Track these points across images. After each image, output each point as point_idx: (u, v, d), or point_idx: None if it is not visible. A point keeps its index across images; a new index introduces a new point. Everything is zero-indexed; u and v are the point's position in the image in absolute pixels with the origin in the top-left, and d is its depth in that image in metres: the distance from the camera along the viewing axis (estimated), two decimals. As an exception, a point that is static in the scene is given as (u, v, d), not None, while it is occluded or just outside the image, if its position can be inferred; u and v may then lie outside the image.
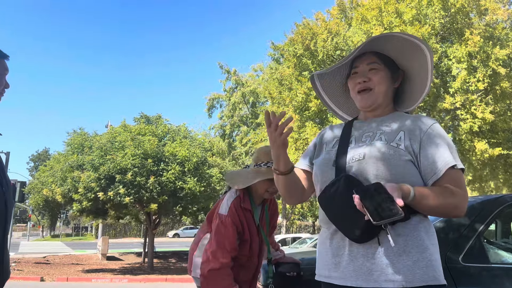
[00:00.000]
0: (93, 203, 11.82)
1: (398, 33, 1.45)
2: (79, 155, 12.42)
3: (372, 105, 1.46)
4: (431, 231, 1.34)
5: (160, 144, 12.81)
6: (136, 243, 30.18)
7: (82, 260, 17.81)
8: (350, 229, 1.28)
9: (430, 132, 1.36)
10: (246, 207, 2.26)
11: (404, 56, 1.47)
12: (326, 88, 1.63)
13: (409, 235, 1.27)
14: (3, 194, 1.54)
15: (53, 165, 13.70)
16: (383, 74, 1.44)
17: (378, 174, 1.30)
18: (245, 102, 19.92)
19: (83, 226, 53.07)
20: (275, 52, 14.52)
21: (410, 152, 1.33)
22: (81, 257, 19.43)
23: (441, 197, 1.26)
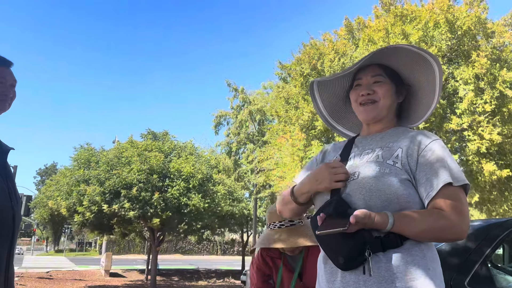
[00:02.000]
0: (96, 216, 11.80)
1: (406, 45, 1.38)
2: (85, 170, 12.49)
3: (375, 118, 1.40)
4: (430, 255, 1.23)
5: (166, 160, 12.86)
6: (139, 260, 30.01)
7: (85, 276, 17.70)
8: (335, 255, 1.24)
9: (428, 149, 1.28)
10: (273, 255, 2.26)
11: (410, 70, 1.42)
12: (325, 101, 1.58)
13: (402, 262, 1.18)
14: (11, 208, 1.54)
15: (59, 179, 13.77)
16: (388, 88, 1.39)
17: (371, 195, 1.24)
18: (252, 120, 20.00)
19: (87, 241, 52.93)
20: (282, 71, 14.63)
21: (407, 170, 1.26)
22: (84, 273, 19.32)
23: (429, 221, 1.18)
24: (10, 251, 1.53)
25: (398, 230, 1.19)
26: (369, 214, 1.17)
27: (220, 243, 46.33)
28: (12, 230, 1.53)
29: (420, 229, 1.18)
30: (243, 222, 19.52)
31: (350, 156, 1.42)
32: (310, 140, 12.05)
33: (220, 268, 24.32)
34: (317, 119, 11.47)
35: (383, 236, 1.20)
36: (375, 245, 1.19)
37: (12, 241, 1.54)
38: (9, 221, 1.52)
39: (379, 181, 1.24)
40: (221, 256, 44.95)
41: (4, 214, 1.51)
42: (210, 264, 28.07)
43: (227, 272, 21.65)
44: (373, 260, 1.19)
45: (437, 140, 1.32)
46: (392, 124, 1.45)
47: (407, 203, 1.23)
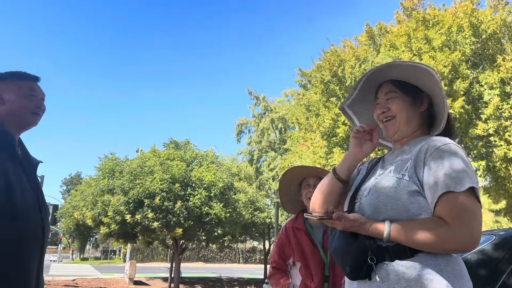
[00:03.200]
0: (120, 226, 12.00)
1: (399, 61, 1.40)
2: (109, 180, 12.72)
3: (395, 133, 1.41)
4: (449, 269, 1.17)
5: (188, 169, 12.98)
6: (162, 268, 30.21)
7: (109, 284, 17.94)
8: (343, 265, 1.26)
9: (433, 155, 1.23)
10: (298, 227, 2.34)
11: (417, 79, 1.41)
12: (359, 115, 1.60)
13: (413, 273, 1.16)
14: (41, 220, 1.59)
15: (84, 189, 14.06)
16: (400, 101, 1.40)
17: (379, 211, 1.26)
18: (273, 128, 20.02)
19: (112, 249, 53.70)
20: (302, 78, 14.61)
21: (415, 182, 1.24)
22: (108, 281, 19.58)
23: (427, 230, 1.15)
24: (40, 260, 1.59)
25: (395, 239, 1.19)
26: (358, 219, 1.22)
27: (242, 251, 46.25)
28: (41, 240, 1.59)
29: (417, 238, 1.15)
30: (265, 231, 19.47)
31: (369, 174, 1.45)
32: (332, 148, 11.97)
33: (243, 277, 24.25)
34: (338, 126, 11.40)
35: (391, 246, 1.20)
36: (380, 254, 1.20)
37: (42, 251, 1.60)
38: (39, 233, 1.58)
39: (386, 197, 1.25)
40: (243, 264, 44.84)
41: (34, 226, 1.56)
42: (232, 272, 28.03)
43: (249, 280, 21.58)
44: (382, 269, 1.19)
45: (445, 145, 1.25)
46: (416, 135, 1.42)
47: (417, 215, 1.21)
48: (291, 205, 2.56)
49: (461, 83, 8.69)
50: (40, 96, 1.74)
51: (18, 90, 1.67)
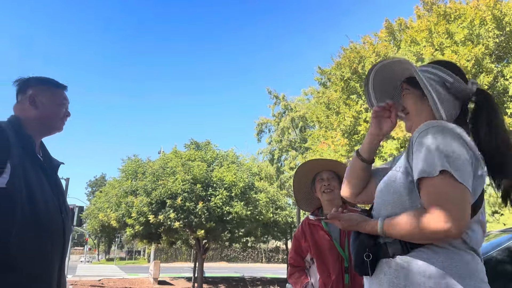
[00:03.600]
0: (144, 227, 12.20)
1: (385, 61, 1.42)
2: (133, 181, 12.94)
3: (410, 128, 1.42)
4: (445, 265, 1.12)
5: (208, 169, 13.08)
6: (186, 268, 30.52)
7: (134, 284, 18.23)
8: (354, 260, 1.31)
9: (417, 141, 1.19)
10: (314, 223, 2.34)
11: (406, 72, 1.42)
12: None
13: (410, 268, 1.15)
14: (61, 222, 1.64)
15: (108, 191, 14.34)
16: (411, 96, 1.41)
17: (380, 207, 1.28)
18: (293, 127, 19.97)
19: (136, 250, 54.54)
20: (322, 76, 14.51)
21: (409, 172, 1.22)
22: (133, 281, 19.90)
23: (408, 220, 1.13)
24: (61, 261, 1.63)
25: (389, 234, 1.19)
26: (353, 218, 1.30)
27: (265, 251, 46.28)
28: (63, 242, 1.64)
29: (404, 230, 1.14)
30: (287, 230, 19.42)
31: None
32: (353, 146, 11.86)
33: (265, 276, 24.27)
34: (359, 124, 11.29)
35: (389, 242, 1.21)
36: (379, 251, 1.22)
37: (63, 251, 1.65)
38: (60, 233, 1.62)
39: (384, 191, 1.28)
40: (265, 264, 44.85)
41: (55, 226, 1.60)
42: (255, 272, 28.09)
43: (272, 280, 21.58)
44: (382, 265, 1.21)
45: (428, 128, 1.19)
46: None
47: (413, 206, 1.19)
48: (306, 202, 2.55)
49: (485, 77, 8.49)
50: (68, 103, 1.83)
51: (52, 96, 1.75)
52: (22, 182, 1.49)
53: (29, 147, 1.62)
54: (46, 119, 1.72)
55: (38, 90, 1.73)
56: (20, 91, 1.74)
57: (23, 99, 1.72)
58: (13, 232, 1.42)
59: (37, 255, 1.50)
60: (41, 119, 1.71)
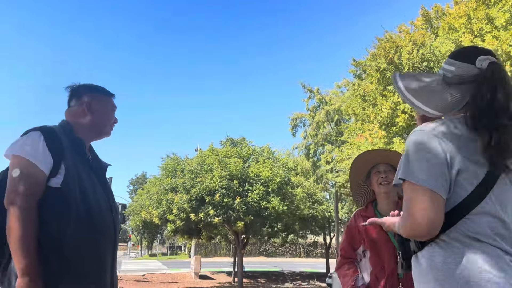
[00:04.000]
0: (185, 223, 12.50)
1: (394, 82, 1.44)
2: (172, 179, 13.25)
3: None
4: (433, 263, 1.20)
5: (245, 165, 13.20)
6: (226, 262, 30.95)
7: (177, 279, 18.72)
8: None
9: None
10: (368, 215, 2.27)
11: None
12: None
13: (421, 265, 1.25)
14: (112, 220, 1.73)
15: (149, 188, 14.75)
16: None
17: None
18: (329, 120, 19.74)
19: (177, 245, 55.83)
20: (356, 68, 14.26)
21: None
22: (176, 276, 20.44)
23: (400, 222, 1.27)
24: (113, 259, 1.72)
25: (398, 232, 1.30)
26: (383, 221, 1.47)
27: (303, 246, 46.17)
28: (113, 238, 1.72)
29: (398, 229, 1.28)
30: (325, 224, 19.30)
31: None
32: (391, 138, 11.61)
33: (304, 271, 24.25)
34: (397, 115, 11.02)
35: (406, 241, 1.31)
36: (403, 249, 1.33)
37: (114, 248, 1.73)
38: (111, 230, 1.71)
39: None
40: (304, 258, 44.77)
41: (107, 224, 1.69)
42: (294, 267, 28.11)
43: (312, 274, 21.54)
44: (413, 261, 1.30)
45: (411, 134, 1.29)
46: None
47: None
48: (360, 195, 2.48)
49: (530, 61, 8.05)
50: (115, 110, 1.93)
51: (104, 104, 1.86)
52: (75, 183, 1.57)
53: (80, 150, 1.71)
54: (98, 125, 1.82)
55: (93, 97, 1.82)
56: (73, 97, 1.83)
57: (77, 104, 1.81)
58: (68, 232, 1.51)
59: (91, 255, 1.58)
60: (94, 124, 1.80)
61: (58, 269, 1.48)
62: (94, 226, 1.61)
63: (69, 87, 1.86)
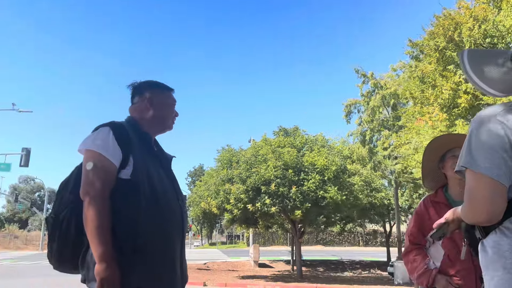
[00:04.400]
0: (242, 212, 12.73)
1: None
2: (228, 170, 13.52)
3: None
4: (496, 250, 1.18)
5: (299, 154, 13.15)
6: (283, 251, 31.19)
7: (237, 267, 19.16)
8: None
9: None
10: (438, 200, 2.23)
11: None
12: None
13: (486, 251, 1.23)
14: (179, 208, 1.79)
15: (207, 180, 15.15)
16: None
17: None
18: (384, 105, 19.08)
19: (236, 234, 57.07)
20: (413, 49, 13.64)
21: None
22: (236, 264, 20.92)
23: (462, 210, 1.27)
24: (182, 245, 1.78)
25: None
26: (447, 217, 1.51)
27: (361, 234, 45.35)
28: (182, 226, 1.79)
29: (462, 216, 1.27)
30: (385, 212, 18.80)
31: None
32: (453, 120, 11.03)
33: (364, 259, 23.84)
34: (459, 96, 10.44)
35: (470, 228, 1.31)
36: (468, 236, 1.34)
37: (182, 236, 1.80)
38: (179, 220, 1.78)
39: None
40: (363, 247, 44.01)
41: (175, 214, 1.76)
42: (352, 255, 27.73)
43: (372, 263, 21.13)
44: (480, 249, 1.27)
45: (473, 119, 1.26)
46: None
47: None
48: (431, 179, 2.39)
49: None
50: (175, 104, 2.00)
51: (165, 99, 1.94)
52: (144, 174, 1.65)
53: (146, 143, 1.80)
54: (160, 119, 1.90)
55: (154, 93, 1.91)
56: (135, 94, 1.92)
57: (139, 101, 1.90)
58: (139, 221, 1.59)
59: (162, 243, 1.65)
60: (157, 119, 1.88)
61: (132, 257, 1.56)
62: (163, 215, 1.67)
63: (131, 85, 1.95)
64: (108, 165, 1.62)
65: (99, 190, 1.57)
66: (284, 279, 13.82)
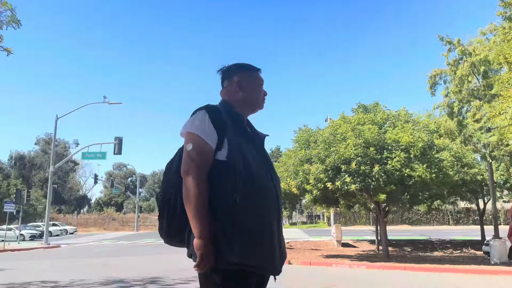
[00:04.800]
0: (322, 192, 12.62)
1: None
2: (306, 150, 13.44)
3: None
4: None
5: (380, 131, 12.63)
6: (367, 231, 30.56)
7: (319, 246, 19.20)
8: None
9: None
10: None
11: None
12: None
13: None
14: (273, 187, 1.81)
15: (285, 161, 15.23)
16: None
17: None
18: (474, 73, 17.52)
19: (316, 214, 57.07)
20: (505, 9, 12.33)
21: None
22: (318, 243, 20.97)
23: None
24: (279, 223, 1.81)
25: None
26: None
27: (451, 212, 42.75)
28: (277, 206, 1.81)
29: None
30: (477, 189, 17.48)
31: None
32: (558, 85, 9.84)
33: (455, 239, 22.52)
34: None
35: None
36: None
37: (278, 216, 1.82)
38: (275, 199, 1.80)
39: None
40: (453, 226, 41.51)
41: (270, 193, 1.78)
42: (442, 234, 26.31)
43: (464, 242, 19.88)
44: None
45: None
46: None
47: None
48: None
49: None
50: (263, 83, 2.04)
51: (253, 80, 1.99)
52: (239, 155, 1.70)
53: (240, 124, 1.86)
54: (251, 100, 1.96)
55: (242, 75, 1.96)
56: (225, 78, 1.99)
57: (229, 84, 1.97)
58: (237, 201, 1.63)
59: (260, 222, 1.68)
60: (247, 100, 1.94)
61: (231, 234, 1.61)
62: (259, 195, 1.70)
63: (220, 70, 2.02)
64: (205, 147, 1.70)
65: (198, 169, 1.66)
66: (370, 259, 13.56)
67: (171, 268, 11.64)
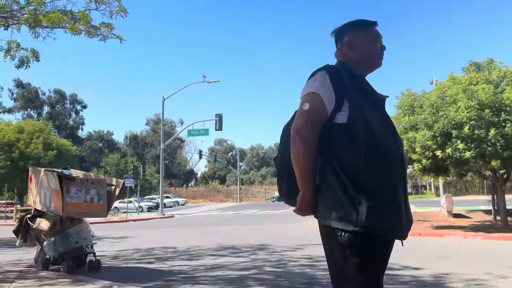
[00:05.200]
0: (432, 161, 11.87)
1: None
2: (410, 116, 12.69)
3: None
4: None
5: (497, 91, 11.39)
6: (480, 201, 28.18)
7: (428, 217, 18.27)
8: None
9: None
10: None
11: None
12: None
13: None
14: (399, 151, 1.74)
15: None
16: None
17: None
18: None
19: (422, 184, 54.12)
20: None
21: None
22: (426, 214, 19.96)
23: None
24: (405, 187, 1.73)
25: None
26: None
27: None
28: (403, 169, 1.73)
29: None
30: None
31: None
32: None
33: None
34: None
35: None
36: None
37: (404, 179, 1.73)
38: (400, 162, 1.72)
39: None
40: None
41: (396, 156, 1.71)
42: None
43: None
44: None
45: None
46: None
47: None
48: None
49: None
50: (381, 38, 1.92)
51: (365, 36, 1.88)
52: (361, 117, 1.65)
53: (361, 85, 1.79)
54: (364, 58, 1.86)
55: (353, 34, 1.88)
56: (338, 40, 1.93)
57: (341, 46, 1.90)
58: (361, 164, 1.59)
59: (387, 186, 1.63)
60: (361, 59, 1.86)
61: (357, 197, 1.57)
62: (384, 158, 1.64)
63: (332, 32, 1.96)
64: (322, 109, 1.68)
65: (309, 130, 1.65)
66: (486, 230, 12.56)
67: (276, 237, 12.11)
